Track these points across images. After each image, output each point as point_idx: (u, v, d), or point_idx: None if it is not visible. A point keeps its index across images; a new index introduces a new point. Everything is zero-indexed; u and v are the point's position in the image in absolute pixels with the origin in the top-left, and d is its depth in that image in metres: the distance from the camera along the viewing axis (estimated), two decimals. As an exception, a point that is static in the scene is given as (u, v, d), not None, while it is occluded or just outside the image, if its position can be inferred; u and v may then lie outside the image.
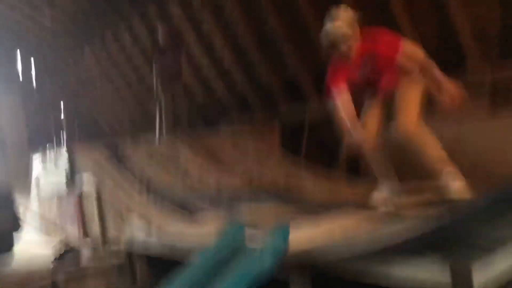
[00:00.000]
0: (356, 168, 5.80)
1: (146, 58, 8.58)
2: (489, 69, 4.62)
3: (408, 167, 3.62)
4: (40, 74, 12.62)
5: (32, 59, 12.45)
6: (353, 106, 3.26)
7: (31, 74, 12.61)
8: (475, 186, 3.03)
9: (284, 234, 2.59)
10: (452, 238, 2.18)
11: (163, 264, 3.67)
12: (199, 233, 3.40)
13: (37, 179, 5.75)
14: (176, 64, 6.30)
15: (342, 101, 3.23)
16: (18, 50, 12.43)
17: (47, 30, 10.67)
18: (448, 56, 4.92)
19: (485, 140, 4.23)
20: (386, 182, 3.49)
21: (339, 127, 3.28)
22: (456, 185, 3.06)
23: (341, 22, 3.11)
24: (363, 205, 3.86)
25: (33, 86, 12.55)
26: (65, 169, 5.02)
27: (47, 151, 5.71)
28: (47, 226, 5.37)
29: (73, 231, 5.01)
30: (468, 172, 3.22)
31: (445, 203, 2.92)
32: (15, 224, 4.56)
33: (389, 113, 3.38)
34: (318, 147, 6.47)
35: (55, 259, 4.08)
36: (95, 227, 4.65)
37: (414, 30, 5.09)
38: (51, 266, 4.03)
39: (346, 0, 5.35)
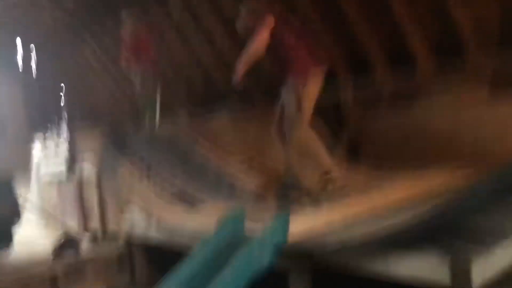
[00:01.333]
0: (356, 152, 5.78)
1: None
2: (488, 60, 4.54)
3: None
4: (40, 62, 12.55)
5: (32, 46, 12.37)
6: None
7: (31, 62, 12.54)
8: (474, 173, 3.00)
9: (284, 224, 2.57)
10: (452, 229, 2.16)
11: (162, 255, 3.67)
12: (199, 222, 3.39)
13: (37, 167, 5.74)
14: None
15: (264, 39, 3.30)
16: (19, 38, 12.37)
17: (48, 23, 10.57)
18: (447, 46, 4.86)
19: (484, 128, 4.18)
20: None
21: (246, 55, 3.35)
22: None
23: None
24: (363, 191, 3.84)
25: (33, 73, 12.48)
26: (65, 157, 5.00)
27: (48, 139, 5.68)
28: (47, 216, 5.37)
29: (72, 221, 5.01)
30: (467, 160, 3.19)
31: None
32: (15, 213, 4.52)
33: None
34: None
35: (54, 251, 4.07)
36: (95, 217, 4.64)
37: (414, 20, 5.00)
38: (50, 258, 4.02)
39: (346, 0, 5.26)
